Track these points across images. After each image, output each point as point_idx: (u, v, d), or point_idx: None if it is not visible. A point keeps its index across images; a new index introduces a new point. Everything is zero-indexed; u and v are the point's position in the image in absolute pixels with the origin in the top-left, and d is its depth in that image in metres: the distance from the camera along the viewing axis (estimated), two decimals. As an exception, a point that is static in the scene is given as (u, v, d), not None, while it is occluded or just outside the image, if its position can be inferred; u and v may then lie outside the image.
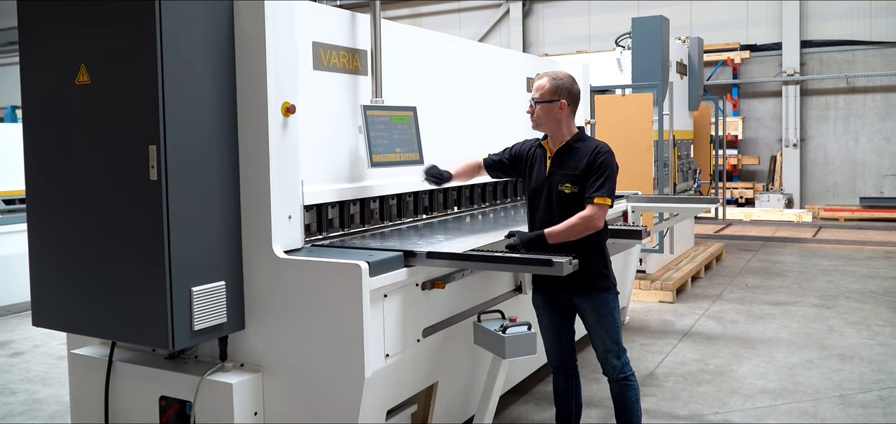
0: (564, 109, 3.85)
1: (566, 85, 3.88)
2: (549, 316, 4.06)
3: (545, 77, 3.90)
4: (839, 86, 15.89)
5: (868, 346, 6.30)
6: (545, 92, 3.85)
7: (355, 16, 4.12)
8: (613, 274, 3.94)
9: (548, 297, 4.01)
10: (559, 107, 3.84)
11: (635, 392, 3.95)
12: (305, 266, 3.37)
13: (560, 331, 4.06)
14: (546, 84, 3.87)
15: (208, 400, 3.41)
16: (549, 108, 3.85)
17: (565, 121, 3.88)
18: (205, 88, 3.29)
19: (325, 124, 3.91)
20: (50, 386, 5.77)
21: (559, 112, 3.85)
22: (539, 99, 3.87)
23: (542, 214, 3.87)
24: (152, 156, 3.11)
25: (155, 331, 3.20)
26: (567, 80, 3.90)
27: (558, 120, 3.86)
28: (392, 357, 3.51)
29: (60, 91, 3.39)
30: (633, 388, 3.94)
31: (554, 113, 3.85)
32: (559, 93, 3.84)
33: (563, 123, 3.87)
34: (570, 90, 3.88)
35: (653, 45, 8.48)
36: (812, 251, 11.33)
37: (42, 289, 3.58)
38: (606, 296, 3.86)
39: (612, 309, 3.88)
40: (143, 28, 3.10)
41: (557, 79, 3.88)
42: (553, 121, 3.87)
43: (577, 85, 3.95)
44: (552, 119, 3.87)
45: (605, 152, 3.79)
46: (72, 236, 3.43)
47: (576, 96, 3.92)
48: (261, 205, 3.42)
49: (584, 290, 3.85)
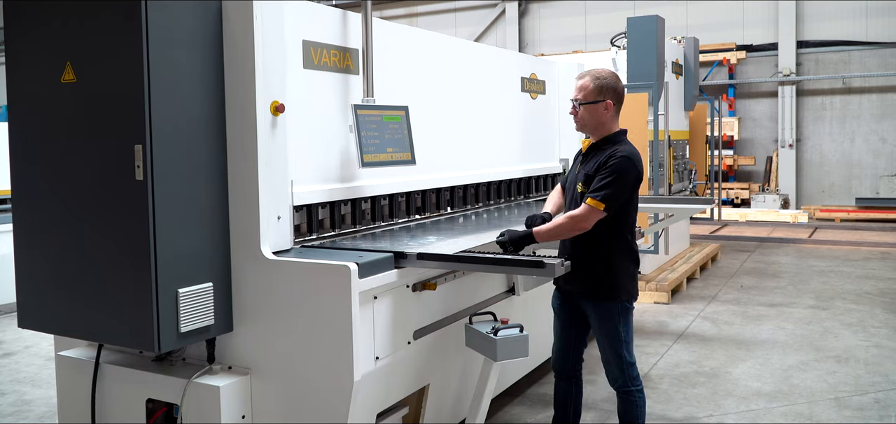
0: (610, 109, 3.70)
1: (611, 83, 3.71)
2: (560, 318, 3.99)
3: (587, 76, 3.72)
4: (835, 86, 15.88)
5: (864, 348, 6.27)
6: (589, 92, 3.69)
7: (347, 14, 4.08)
8: (627, 286, 3.72)
9: (562, 298, 3.94)
10: (604, 108, 3.69)
11: (637, 408, 3.77)
12: (294, 267, 3.33)
13: (567, 335, 3.98)
14: (589, 84, 3.70)
15: (196, 403, 3.37)
16: (593, 109, 3.70)
17: (609, 121, 3.72)
18: (192, 87, 3.24)
19: (316, 123, 3.86)
20: (39, 387, 5.72)
21: (604, 112, 3.70)
22: (582, 100, 3.71)
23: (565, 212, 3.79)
24: (138, 156, 3.07)
25: (141, 334, 3.15)
26: (611, 79, 3.72)
27: (602, 121, 3.71)
28: (382, 360, 3.46)
29: (46, 89, 3.34)
30: (634, 404, 3.77)
31: (599, 113, 3.70)
32: (604, 93, 3.68)
33: (607, 124, 3.72)
34: (615, 89, 3.72)
35: (648, 45, 8.44)
36: (808, 252, 11.32)
37: (28, 291, 3.53)
38: (610, 307, 3.71)
39: (617, 322, 3.71)
40: (129, 26, 3.05)
41: (601, 78, 3.70)
42: (597, 122, 3.72)
43: (621, 83, 3.77)
44: (596, 120, 3.71)
45: (620, 157, 3.59)
46: (58, 237, 3.38)
47: (621, 95, 3.75)
48: (249, 205, 3.37)
49: (589, 296, 3.76)
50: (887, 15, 15.25)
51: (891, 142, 15.49)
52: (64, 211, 3.35)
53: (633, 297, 3.76)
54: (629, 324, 3.77)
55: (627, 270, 3.73)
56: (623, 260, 3.72)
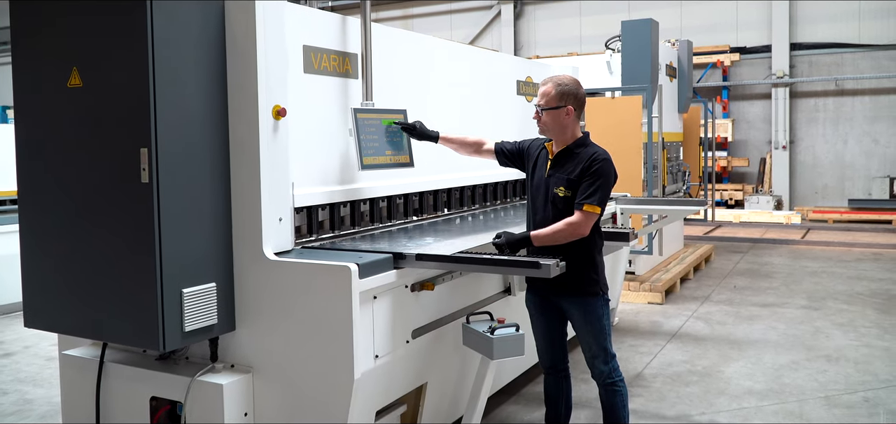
0: (571, 115, 3.84)
1: (572, 90, 3.85)
2: (539, 318, 4.09)
3: (549, 82, 3.87)
4: (828, 88, 16.00)
5: (854, 347, 6.36)
6: (551, 98, 3.84)
7: (346, 19, 4.15)
8: (604, 280, 3.93)
9: (539, 299, 4.04)
10: (566, 113, 3.83)
11: (622, 398, 3.96)
12: (296, 268, 3.40)
13: (550, 333, 4.09)
14: (551, 90, 3.84)
15: (199, 401, 3.43)
16: (555, 114, 3.84)
17: (571, 126, 3.86)
18: (196, 91, 3.31)
19: (316, 127, 3.93)
20: (40, 387, 5.78)
21: (566, 117, 3.83)
22: (545, 106, 3.85)
23: (540, 215, 3.89)
24: (144, 159, 3.13)
25: (146, 333, 3.22)
26: (572, 85, 3.86)
27: (564, 125, 3.85)
28: (381, 358, 3.54)
29: (52, 94, 3.41)
30: (620, 394, 3.95)
31: (560, 118, 3.84)
32: (565, 99, 3.83)
33: (569, 128, 3.86)
34: (575, 95, 3.86)
35: (642, 47, 8.53)
36: (800, 253, 11.42)
37: (34, 291, 3.60)
38: (594, 301, 3.87)
39: (600, 314, 3.88)
40: (134, 30, 3.12)
41: (562, 85, 3.84)
42: (559, 127, 3.86)
43: (582, 89, 3.91)
44: (558, 124, 3.85)
45: (602, 160, 3.76)
46: (63, 238, 3.44)
47: (582, 100, 3.89)
48: (252, 207, 3.44)
49: (572, 294, 3.88)
50: (880, 17, 15.37)
51: (883, 144, 15.62)
52: (70, 213, 3.41)
53: (607, 291, 3.96)
54: (609, 318, 3.96)
55: (602, 265, 3.95)
56: (598, 257, 3.92)
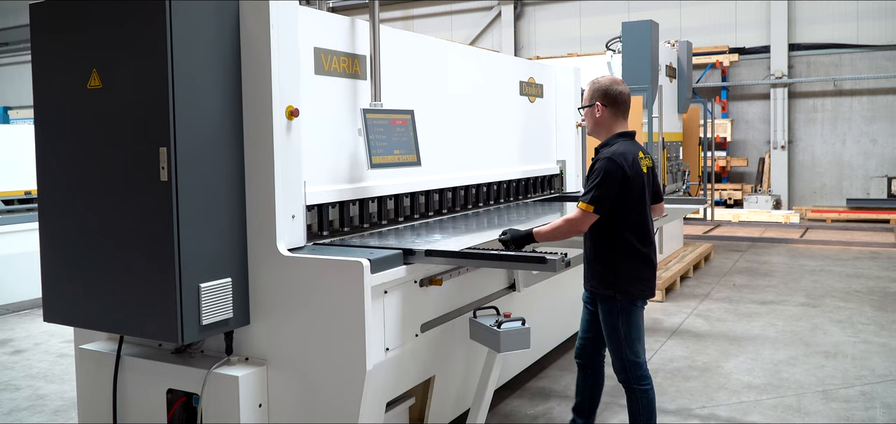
0: (602, 112, 3.89)
1: (600, 87, 3.91)
2: (584, 310, 4.21)
3: (588, 82, 3.98)
4: (826, 88, 16.10)
5: (851, 343, 6.47)
6: (585, 97, 3.97)
7: (355, 22, 4.25)
8: (626, 285, 3.82)
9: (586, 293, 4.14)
10: (596, 110, 3.90)
11: (639, 406, 3.92)
12: (309, 263, 3.49)
13: (587, 328, 4.18)
14: (586, 89, 3.96)
15: (215, 393, 3.53)
16: (588, 113, 3.97)
17: (606, 123, 3.91)
18: (212, 91, 3.41)
19: (327, 127, 4.03)
20: (52, 383, 5.88)
21: (597, 116, 3.91)
22: (581, 105, 4.01)
23: None
24: (163, 158, 3.23)
25: (165, 326, 3.32)
26: (603, 83, 3.92)
27: (598, 122, 3.92)
28: (392, 351, 3.64)
29: (72, 95, 3.51)
30: (637, 402, 3.92)
31: (592, 116, 3.94)
32: (594, 97, 3.91)
33: (605, 126, 3.91)
34: (605, 92, 3.89)
35: (642, 48, 8.63)
36: (799, 251, 11.52)
37: (53, 286, 3.69)
38: (608, 305, 3.88)
39: (614, 319, 3.86)
40: (153, 32, 3.22)
41: (594, 83, 3.93)
42: (594, 125, 3.95)
43: (615, 86, 3.90)
44: (592, 121, 3.95)
45: (603, 159, 3.75)
46: (83, 234, 3.54)
47: (613, 97, 3.88)
48: (266, 204, 3.54)
49: (595, 292, 3.96)
50: (878, 17, 15.47)
51: (881, 144, 15.72)
52: (90, 211, 3.51)
53: (636, 298, 3.87)
54: (631, 324, 3.86)
55: (629, 270, 3.83)
56: (624, 260, 3.83)
